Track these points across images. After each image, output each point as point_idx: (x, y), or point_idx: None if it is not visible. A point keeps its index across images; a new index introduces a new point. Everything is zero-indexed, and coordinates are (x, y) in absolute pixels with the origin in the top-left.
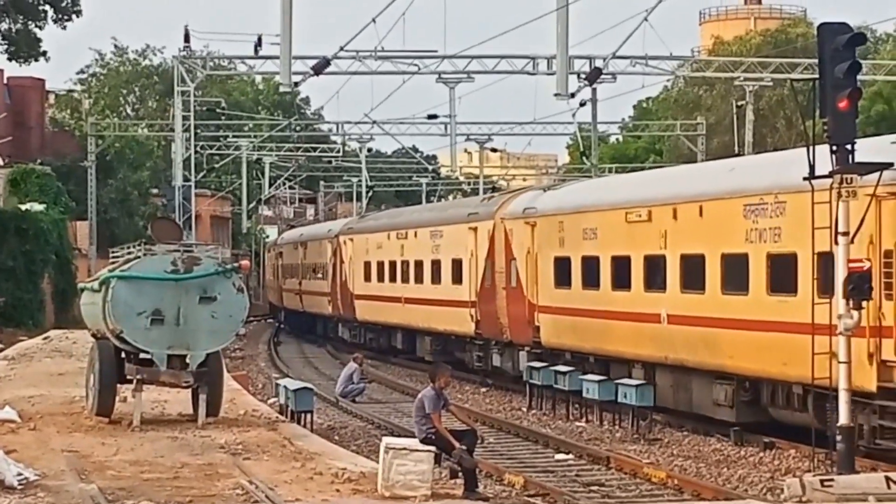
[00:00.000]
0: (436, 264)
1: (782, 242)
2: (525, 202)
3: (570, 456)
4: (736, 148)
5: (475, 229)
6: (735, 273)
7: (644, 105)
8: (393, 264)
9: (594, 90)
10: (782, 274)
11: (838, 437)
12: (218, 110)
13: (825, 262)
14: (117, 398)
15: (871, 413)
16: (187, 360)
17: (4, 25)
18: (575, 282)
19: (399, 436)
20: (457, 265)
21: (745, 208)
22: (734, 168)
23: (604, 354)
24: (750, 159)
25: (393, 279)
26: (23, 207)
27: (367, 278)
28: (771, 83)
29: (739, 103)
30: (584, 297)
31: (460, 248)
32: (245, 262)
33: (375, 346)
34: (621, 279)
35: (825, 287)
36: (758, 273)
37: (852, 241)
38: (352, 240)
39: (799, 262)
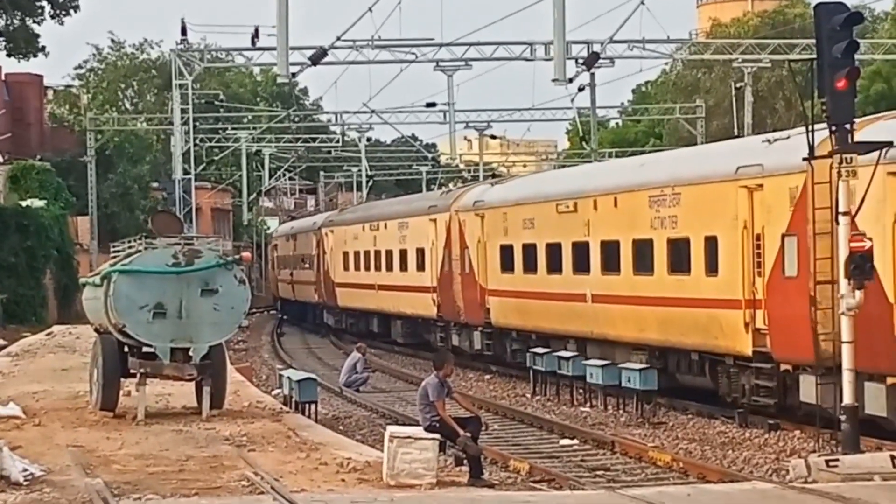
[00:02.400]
0: (403, 253)
1: (678, 228)
2: (475, 196)
3: (575, 441)
4: (735, 130)
5: (435, 221)
6: (643, 256)
7: (643, 89)
8: (367, 254)
9: (592, 75)
10: (679, 256)
11: (842, 417)
12: (216, 103)
13: (711, 244)
14: (121, 392)
15: (750, 374)
16: (190, 353)
17: (2, 22)
18: (517, 267)
19: (403, 424)
20: (420, 254)
21: (650, 199)
22: (643, 164)
23: (544, 332)
24: (654, 156)
25: (367, 268)
26: (23, 204)
27: (346, 267)
28: (769, 64)
29: (738, 85)
30: (525, 280)
31: (423, 238)
32: (246, 254)
33: (355, 330)
34: (554, 264)
35: (711, 266)
36: (660, 256)
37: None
38: (332, 231)
39: (691, 245)
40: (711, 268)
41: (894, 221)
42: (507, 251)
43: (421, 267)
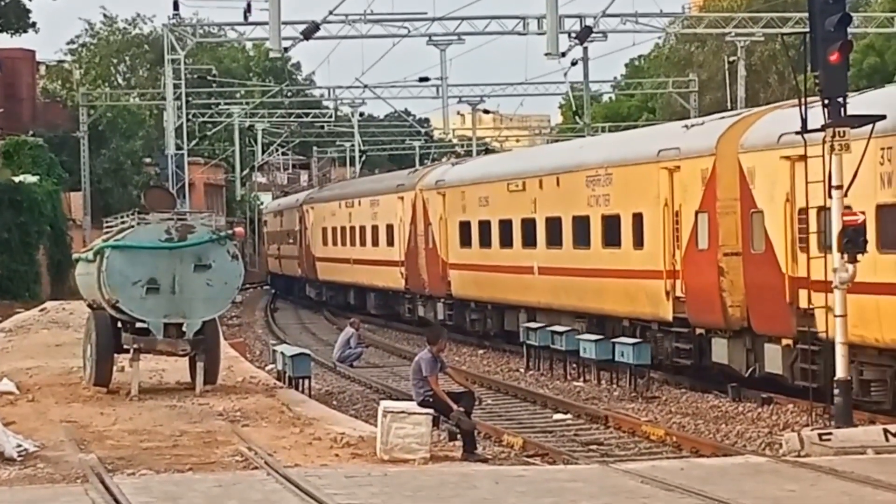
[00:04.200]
0: (374, 229)
1: (611, 206)
2: (437, 175)
3: (569, 415)
4: (729, 104)
5: (402, 198)
6: (581, 231)
7: (636, 63)
8: (343, 230)
9: (585, 49)
10: (611, 231)
11: (836, 391)
12: (209, 78)
13: (637, 220)
14: (115, 368)
15: (671, 338)
16: (184, 329)
17: None
18: (474, 242)
19: (397, 399)
20: (390, 230)
21: (587, 179)
22: (582, 146)
23: (498, 302)
24: (592, 139)
25: (344, 243)
26: (16, 179)
27: (325, 242)
28: (762, 38)
29: (731, 59)
30: (481, 254)
31: (392, 215)
32: (239, 230)
33: (334, 303)
34: (506, 239)
35: (638, 240)
36: (596, 231)
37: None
38: (313, 208)
39: (622, 221)
40: (638, 242)
41: (786, 199)
42: (465, 227)
43: (390, 242)
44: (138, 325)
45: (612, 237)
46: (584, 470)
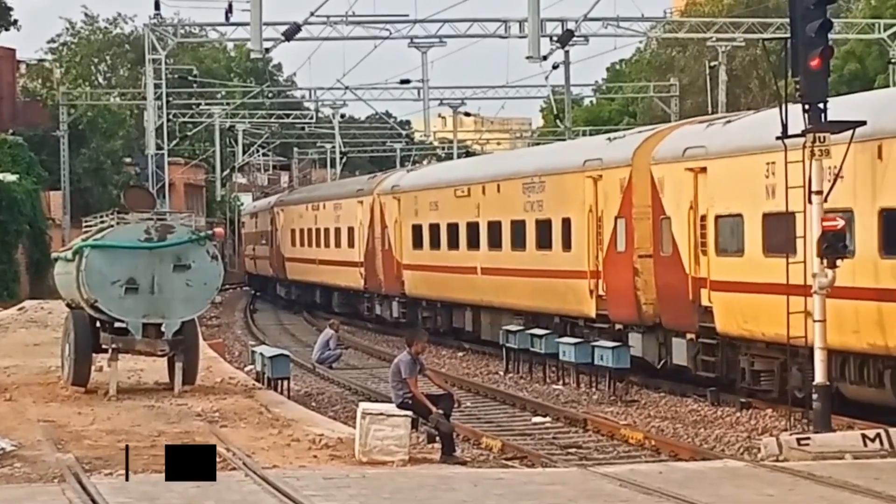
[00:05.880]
0: (337, 231)
1: (543, 211)
2: (393, 181)
3: (548, 419)
4: (710, 109)
5: (361, 202)
6: (518, 235)
7: (617, 67)
8: (310, 231)
9: (567, 53)
10: (544, 234)
11: (814, 396)
12: (190, 78)
13: (566, 225)
14: (93, 367)
15: (595, 334)
16: (162, 329)
17: None
18: (425, 244)
19: (376, 401)
20: (351, 232)
21: (523, 186)
22: (520, 156)
23: (446, 301)
24: (529, 149)
25: (310, 244)
26: None
27: (294, 244)
28: (744, 43)
29: (712, 64)
30: (432, 255)
31: (352, 218)
32: (219, 230)
33: (302, 301)
34: (453, 241)
35: (566, 243)
36: (531, 234)
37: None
38: (283, 210)
39: (552, 225)
40: (566, 244)
41: (690, 207)
42: (417, 230)
43: (351, 244)
44: (117, 324)
45: (544, 240)
46: (562, 473)
